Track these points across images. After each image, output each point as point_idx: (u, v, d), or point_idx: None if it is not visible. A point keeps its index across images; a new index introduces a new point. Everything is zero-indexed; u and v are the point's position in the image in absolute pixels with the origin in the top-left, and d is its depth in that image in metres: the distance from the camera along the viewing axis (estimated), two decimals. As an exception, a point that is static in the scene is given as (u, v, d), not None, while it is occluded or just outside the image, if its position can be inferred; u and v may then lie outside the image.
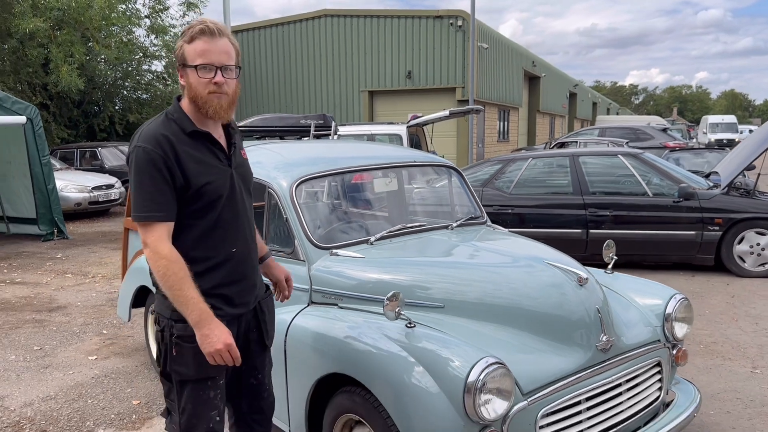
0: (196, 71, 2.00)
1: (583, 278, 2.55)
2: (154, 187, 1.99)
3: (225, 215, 2.11)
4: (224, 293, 2.13)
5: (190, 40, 2.01)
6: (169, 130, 2.03)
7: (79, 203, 12.11)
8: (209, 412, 2.12)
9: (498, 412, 2.14)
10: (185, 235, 2.07)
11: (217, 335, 1.99)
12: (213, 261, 2.11)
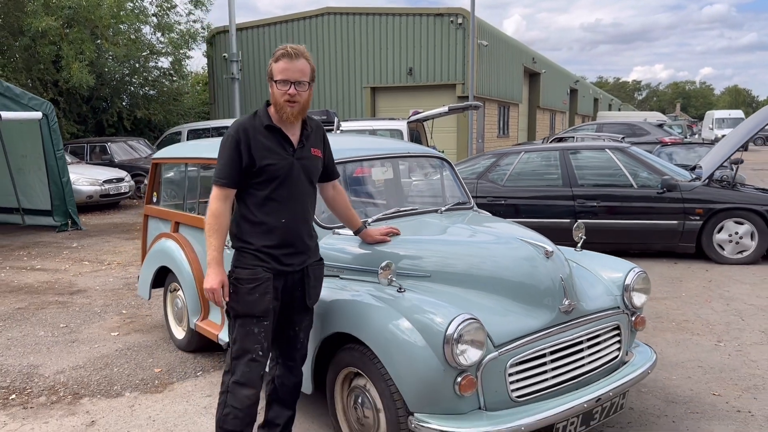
0: (276, 85, 2.63)
1: (549, 252, 2.96)
2: (226, 161, 2.66)
3: (280, 192, 2.69)
4: (272, 252, 2.70)
5: (275, 60, 2.64)
6: (251, 124, 2.69)
7: (91, 196, 12.55)
8: (253, 345, 2.66)
9: (472, 360, 2.56)
10: (249, 199, 2.71)
11: (213, 276, 2.62)
12: (266, 225, 2.70)
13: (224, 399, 2.70)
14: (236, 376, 2.67)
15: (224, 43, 21.25)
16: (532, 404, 2.72)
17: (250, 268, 2.68)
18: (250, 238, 2.70)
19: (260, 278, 2.68)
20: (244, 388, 2.66)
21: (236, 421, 2.68)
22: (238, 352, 2.68)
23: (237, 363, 2.68)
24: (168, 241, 4.61)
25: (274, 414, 3.01)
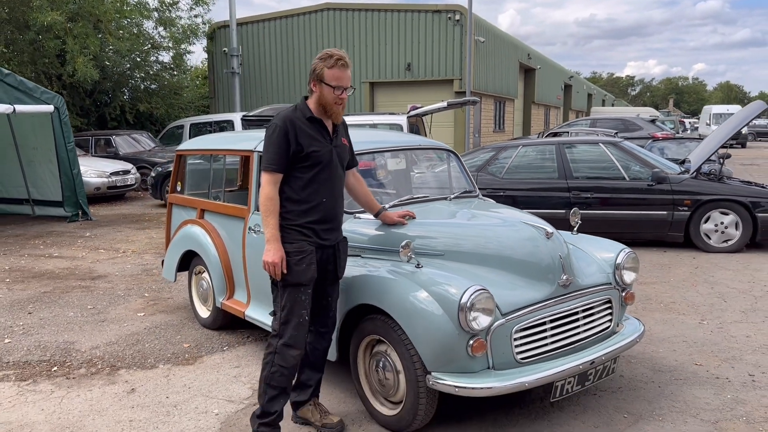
0: (332, 89, 3.02)
1: (549, 233, 3.34)
2: (275, 149, 3.01)
3: (321, 175, 3.08)
4: (314, 227, 3.08)
5: (331, 66, 3.00)
6: (295, 116, 3.07)
7: (99, 188, 12.85)
8: (300, 310, 3.04)
9: (483, 325, 2.94)
10: (294, 182, 3.07)
11: (274, 251, 2.98)
12: (309, 204, 3.08)
13: (271, 359, 3.05)
14: (285, 338, 3.03)
15: (225, 37, 21.52)
16: (534, 365, 3.10)
17: (295, 242, 3.04)
18: (295, 216, 3.06)
19: (306, 250, 3.04)
20: (291, 349, 3.03)
21: (282, 378, 3.04)
22: (287, 317, 3.03)
23: (286, 327, 3.03)
24: (194, 227, 4.96)
25: (306, 377, 3.35)
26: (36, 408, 3.70)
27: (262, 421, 3.09)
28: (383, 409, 3.34)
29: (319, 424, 3.31)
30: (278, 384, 3.05)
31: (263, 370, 3.09)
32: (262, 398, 3.09)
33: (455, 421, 3.35)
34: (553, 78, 33.84)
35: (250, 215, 4.30)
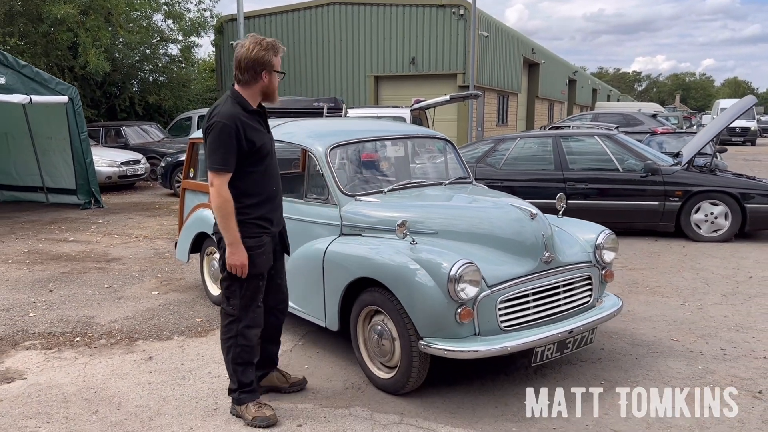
0: (278, 76, 3.16)
1: (533, 214, 3.65)
2: (226, 149, 3.00)
3: (270, 165, 3.20)
4: (270, 217, 3.23)
5: (275, 54, 3.12)
6: (237, 110, 3.06)
7: (110, 177, 13.20)
8: (258, 295, 3.25)
9: (470, 295, 3.25)
10: (248, 178, 3.10)
11: (240, 254, 3.07)
12: (264, 195, 3.17)
13: (234, 341, 3.23)
14: (245, 321, 3.21)
15: (232, 31, 21.83)
16: (517, 332, 3.42)
17: (255, 236, 3.14)
18: (251, 209, 3.12)
19: (265, 243, 3.20)
20: (253, 329, 3.24)
21: (247, 354, 3.25)
22: (248, 303, 3.20)
23: (245, 312, 3.20)
24: (206, 210, 5.28)
25: (265, 352, 3.53)
26: (62, 372, 4.03)
27: (242, 390, 3.29)
28: (380, 373, 3.67)
29: (287, 384, 3.60)
30: (245, 360, 3.26)
31: (227, 353, 3.26)
32: (235, 375, 3.28)
33: (445, 386, 3.67)
34: (558, 73, 34.03)
35: (259, 198, 4.62)
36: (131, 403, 3.56)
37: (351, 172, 4.39)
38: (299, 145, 4.38)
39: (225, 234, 3.07)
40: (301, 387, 3.65)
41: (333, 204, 4.07)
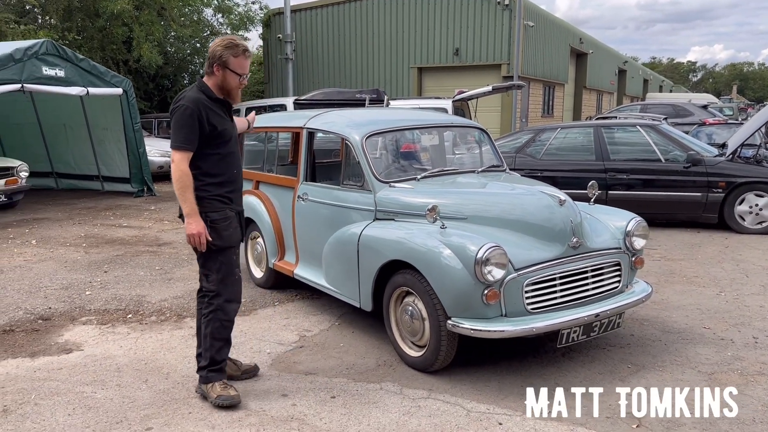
0: (237, 76, 3.29)
1: (562, 200, 3.74)
2: (188, 129, 3.19)
3: (231, 149, 3.39)
4: (231, 197, 3.39)
5: (237, 55, 3.25)
6: (203, 97, 3.27)
7: (162, 166, 13.69)
8: (235, 268, 3.41)
9: (497, 278, 3.37)
10: (210, 158, 3.29)
11: (196, 224, 3.20)
12: (226, 176, 3.35)
13: (213, 316, 3.36)
14: (225, 296, 3.35)
15: (279, 24, 22.20)
16: (543, 314, 3.53)
17: (219, 210, 3.30)
18: (212, 188, 3.29)
19: (229, 216, 3.35)
20: (233, 303, 3.40)
21: (225, 330, 3.40)
22: (225, 276, 3.34)
23: (224, 285, 3.34)
24: (250, 197, 5.52)
25: None
26: (116, 345, 4.33)
27: (212, 368, 3.39)
28: (411, 352, 3.83)
29: (239, 372, 3.68)
30: (222, 336, 3.39)
31: (206, 326, 3.38)
32: (210, 351, 3.37)
33: (473, 366, 3.80)
34: (607, 63, 33.36)
35: (299, 185, 4.84)
36: (178, 374, 3.82)
37: (386, 160, 4.55)
38: (338, 133, 4.56)
39: (183, 205, 3.21)
40: (253, 374, 3.72)
41: (368, 190, 4.24)
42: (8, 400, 3.44)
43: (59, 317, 4.88)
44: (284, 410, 3.32)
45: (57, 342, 4.37)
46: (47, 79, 9.63)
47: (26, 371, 3.85)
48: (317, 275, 4.64)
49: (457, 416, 3.23)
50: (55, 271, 6.30)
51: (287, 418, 3.24)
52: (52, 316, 4.90)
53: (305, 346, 4.24)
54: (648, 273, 5.83)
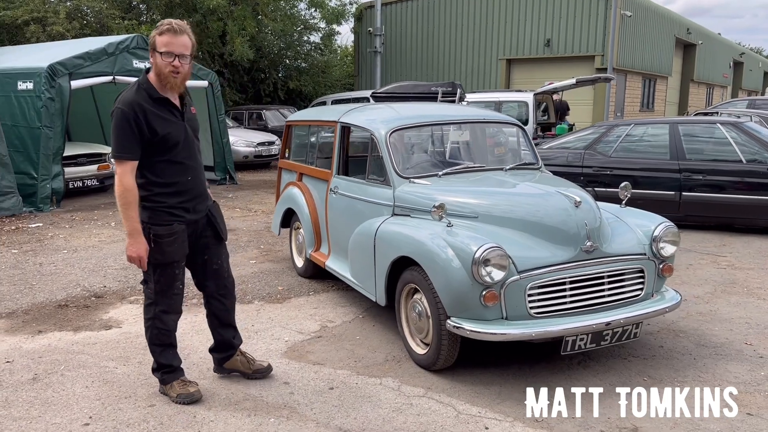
0: (161, 56, 2.93)
1: (578, 201, 3.58)
2: (125, 137, 2.91)
3: (182, 154, 3.07)
4: (185, 206, 3.12)
5: (159, 33, 2.93)
6: (141, 97, 2.95)
7: (246, 156, 14.32)
8: (175, 283, 3.20)
9: (496, 279, 3.29)
10: (156, 166, 3.02)
11: (138, 246, 3.00)
12: (177, 186, 3.07)
13: (151, 324, 3.24)
14: (161, 306, 3.20)
15: (370, 17, 22.43)
16: (547, 320, 3.41)
17: (166, 224, 3.05)
18: (162, 198, 3.04)
19: (176, 231, 3.09)
20: (169, 315, 3.24)
21: (164, 336, 3.27)
22: (162, 289, 3.17)
23: (161, 297, 3.18)
24: (294, 188, 5.69)
25: (222, 336, 3.55)
26: (154, 324, 4.61)
27: (163, 371, 3.34)
28: (418, 349, 3.82)
29: (250, 370, 3.54)
30: (162, 342, 3.28)
31: (146, 332, 3.30)
32: (153, 354, 3.34)
33: (481, 368, 3.74)
34: (720, 54, 31.09)
35: (332, 178, 4.93)
36: (197, 355, 4.01)
37: (409, 155, 4.54)
38: (366, 128, 4.60)
39: (125, 223, 2.98)
40: (263, 374, 3.58)
41: (389, 185, 4.26)
42: (40, 369, 3.77)
43: (111, 296, 5.26)
44: (280, 398, 3.42)
45: (101, 319, 4.72)
46: (137, 72, 10.24)
47: (66, 344, 4.20)
48: (344, 268, 4.71)
49: (445, 417, 3.20)
50: (121, 252, 6.76)
51: (280, 405, 3.34)
52: (105, 294, 5.28)
53: (323, 336, 4.33)
54: (707, 281, 5.47)
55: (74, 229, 7.92)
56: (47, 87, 8.99)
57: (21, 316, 4.73)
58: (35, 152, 9.05)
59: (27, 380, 3.61)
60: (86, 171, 10.30)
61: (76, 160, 10.09)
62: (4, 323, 4.59)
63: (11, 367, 3.81)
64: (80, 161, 10.20)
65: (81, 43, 10.77)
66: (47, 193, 9.13)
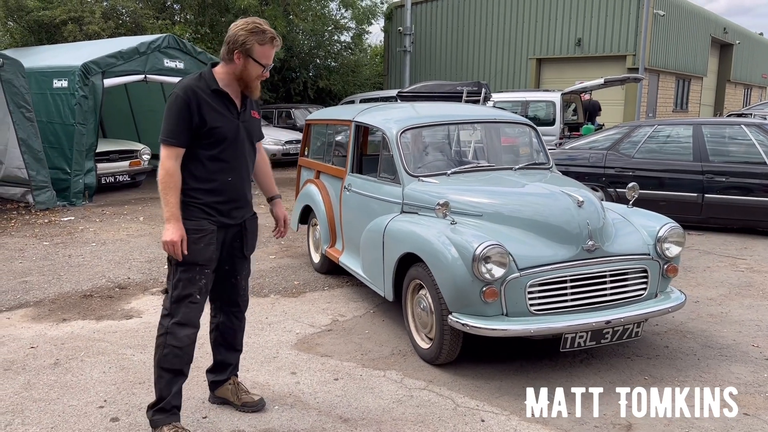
0: (260, 66, 2.83)
1: (581, 201, 3.63)
2: (175, 121, 2.77)
3: (227, 153, 2.88)
4: (219, 207, 2.91)
5: (263, 42, 2.80)
6: (198, 86, 2.81)
7: (274, 154, 14.55)
8: (194, 289, 2.87)
9: (496, 276, 3.37)
10: (198, 159, 2.85)
11: (173, 231, 2.76)
12: (214, 183, 2.88)
13: (163, 340, 2.87)
14: (177, 317, 2.86)
15: (400, 17, 22.52)
16: (547, 317, 3.47)
17: (195, 219, 2.84)
18: (198, 194, 2.86)
19: (205, 230, 2.86)
20: (184, 328, 2.87)
21: (176, 359, 2.86)
22: (179, 296, 2.86)
23: (177, 306, 2.86)
24: (311, 186, 5.83)
25: (223, 357, 3.27)
26: (172, 315, 4.79)
27: (156, 408, 2.91)
28: (422, 343, 3.91)
29: (239, 402, 3.24)
30: (172, 366, 2.88)
31: (155, 353, 2.92)
32: (158, 384, 2.91)
33: (484, 364, 3.81)
34: (759, 54, 30.36)
35: (346, 175, 5.05)
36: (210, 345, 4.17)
37: (420, 154, 4.62)
38: (378, 127, 4.70)
39: (164, 208, 2.80)
40: (255, 408, 3.24)
41: (398, 183, 4.35)
42: (62, 355, 3.97)
43: (134, 287, 5.47)
44: (287, 387, 3.55)
45: (123, 308, 4.92)
46: (168, 71, 10.55)
47: (88, 332, 4.40)
48: (356, 264, 4.82)
49: (443, 409, 3.28)
50: (147, 245, 7.00)
51: (286, 394, 3.47)
52: (129, 285, 5.49)
53: (333, 330, 4.45)
54: (722, 283, 5.44)
55: (104, 223, 8.20)
56: (81, 85, 9.31)
57: (48, 305, 4.96)
58: (69, 148, 9.38)
59: (48, 365, 3.81)
60: (118, 167, 10.62)
61: (108, 156, 10.42)
62: (31, 311, 4.82)
63: (35, 352, 4.01)
64: (112, 157, 10.53)
65: (114, 43, 11.11)
66: (80, 187, 9.46)
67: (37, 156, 8.85)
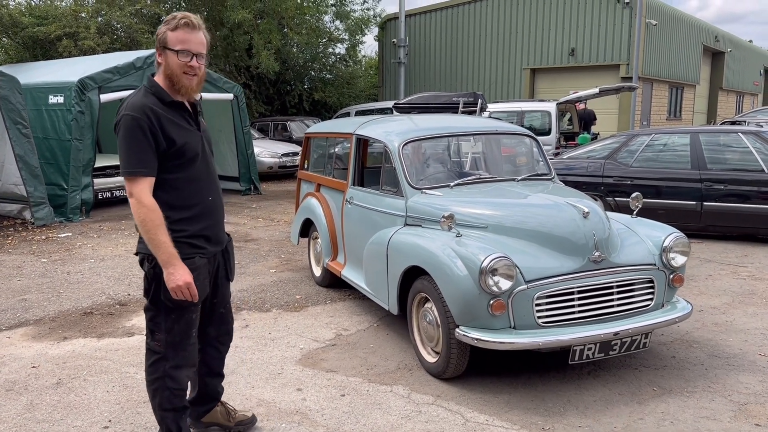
0: (177, 55, 2.46)
1: (586, 212, 3.62)
2: (139, 148, 2.41)
3: (200, 170, 2.59)
4: (207, 234, 2.62)
5: (173, 28, 2.46)
6: (151, 101, 2.46)
7: (271, 167, 14.54)
8: (190, 330, 2.66)
9: (503, 289, 3.35)
10: (172, 184, 2.51)
11: (181, 274, 2.44)
12: (197, 207, 2.58)
13: (162, 384, 2.65)
14: (174, 361, 2.64)
15: (394, 29, 22.62)
16: (555, 329, 3.44)
17: (187, 257, 2.52)
18: (182, 225, 2.53)
19: (198, 267, 2.58)
20: (183, 370, 2.68)
21: (178, 399, 2.70)
22: (176, 340, 2.62)
23: (173, 349, 2.62)
24: (312, 199, 5.81)
25: (209, 387, 3.05)
26: (174, 332, 4.75)
27: None
28: (429, 357, 3.88)
29: (233, 423, 3.10)
30: (175, 405, 2.70)
31: (153, 396, 2.70)
32: (163, 424, 2.73)
33: (491, 377, 3.78)
34: (750, 62, 30.61)
35: (348, 189, 5.03)
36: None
37: (422, 167, 4.61)
38: (379, 140, 4.69)
39: (157, 253, 2.44)
40: (248, 425, 3.15)
41: (401, 196, 4.34)
42: (64, 374, 3.92)
43: (134, 303, 5.42)
44: (293, 404, 3.51)
45: (124, 326, 4.87)
46: (164, 86, 10.51)
47: (89, 350, 4.35)
48: (359, 277, 4.80)
49: (452, 424, 3.25)
50: (146, 261, 6.94)
51: (293, 411, 3.43)
52: (129, 302, 5.45)
53: (337, 344, 4.42)
54: (725, 292, 5.43)
55: (102, 239, 8.15)
56: (77, 101, 9.29)
57: (48, 323, 4.91)
58: (65, 164, 9.34)
59: (51, 385, 3.76)
60: (115, 182, 10.58)
61: (105, 172, 10.38)
62: (31, 330, 4.77)
63: (37, 371, 3.97)
64: (109, 172, 10.49)
65: (110, 58, 11.10)
66: (77, 203, 9.41)
67: (34, 172, 8.80)
